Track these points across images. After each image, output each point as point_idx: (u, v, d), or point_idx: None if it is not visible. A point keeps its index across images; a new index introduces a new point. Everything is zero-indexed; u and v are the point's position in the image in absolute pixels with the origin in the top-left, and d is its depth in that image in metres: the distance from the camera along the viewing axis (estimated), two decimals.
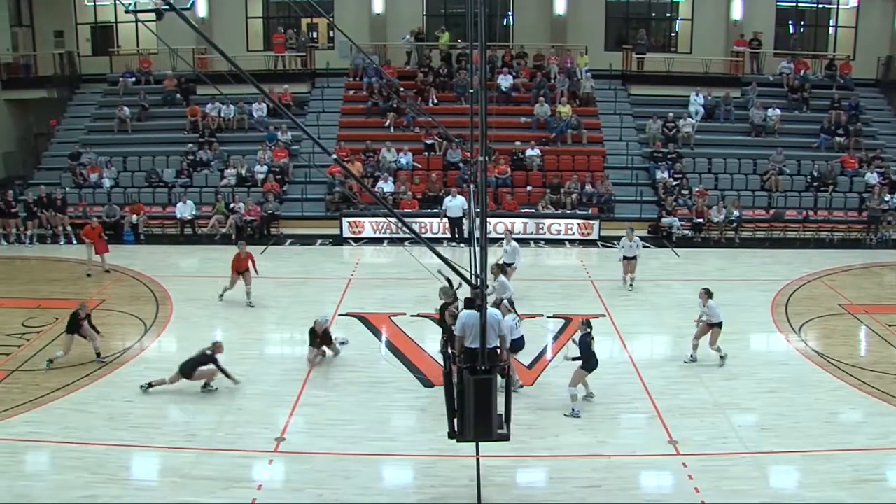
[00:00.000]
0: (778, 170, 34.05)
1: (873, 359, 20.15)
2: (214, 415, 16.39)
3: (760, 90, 38.24)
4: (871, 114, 38.63)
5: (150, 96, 37.60)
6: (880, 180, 33.49)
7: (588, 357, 16.45)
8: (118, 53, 41.22)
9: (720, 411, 16.77)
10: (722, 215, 31.20)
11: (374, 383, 18.08)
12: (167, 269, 26.82)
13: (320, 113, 36.92)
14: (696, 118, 36.95)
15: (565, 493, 13.92)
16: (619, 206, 32.94)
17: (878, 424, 16.49)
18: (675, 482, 14.42)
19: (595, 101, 37.96)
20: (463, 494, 13.70)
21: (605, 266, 27.28)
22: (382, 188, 31.83)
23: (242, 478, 14.19)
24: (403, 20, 40.59)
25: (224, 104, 36.26)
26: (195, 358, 17.33)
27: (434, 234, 30.16)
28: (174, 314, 22.46)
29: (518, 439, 14.35)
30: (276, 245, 30.00)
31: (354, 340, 20.46)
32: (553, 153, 34.87)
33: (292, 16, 41.35)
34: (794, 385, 18.28)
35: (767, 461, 14.97)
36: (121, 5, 13.57)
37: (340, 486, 13.95)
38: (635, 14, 42.74)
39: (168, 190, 32.90)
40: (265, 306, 22.97)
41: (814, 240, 31.71)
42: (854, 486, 14.09)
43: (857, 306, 23.85)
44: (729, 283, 25.73)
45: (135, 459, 14.82)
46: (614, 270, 25.54)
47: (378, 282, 23.71)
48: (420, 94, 36.91)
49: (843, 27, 42.84)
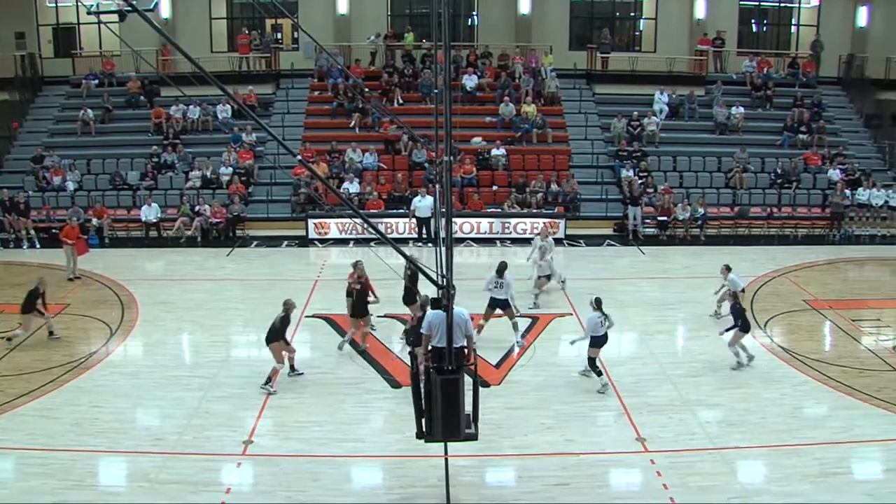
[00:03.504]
0: (742, 167, 34.29)
1: (838, 353, 20.38)
2: (181, 418, 16.30)
3: (724, 88, 38.52)
4: (833, 111, 38.97)
5: (114, 98, 37.23)
6: (843, 177, 33.84)
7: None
8: (81, 55, 40.75)
9: (687, 408, 16.89)
10: (687, 213, 31.39)
11: (341, 385, 18.08)
12: (132, 272, 26.64)
13: (285, 114, 36.82)
14: (660, 117, 37.16)
15: (534, 492, 13.97)
16: (584, 205, 33.04)
17: (842, 418, 16.68)
18: (643, 479, 14.50)
19: (560, 101, 38.05)
20: (432, 494, 13.72)
21: (572, 265, 27.37)
22: (348, 189, 31.78)
23: (210, 481, 14.11)
24: (368, 21, 40.50)
25: (188, 106, 36.05)
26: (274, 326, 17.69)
27: (400, 234, 30.13)
28: (140, 318, 22.30)
29: (486, 438, 14.43)
30: (242, 247, 29.90)
31: (321, 342, 20.46)
32: (518, 153, 34.94)
33: (256, 17, 41.23)
34: (759, 380, 18.46)
35: (734, 456, 15.11)
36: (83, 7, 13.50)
37: (309, 487, 13.93)
38: (599, 13, 42.85)
39: (132, 193, 32.65)
40: (231, 308, 22.88)
41: (778, 236, 31.98)
42: (820, 480, 14.26)
43: (821, 302, 24.10)
44: (694, 280, 25.97)
45: (101, 465, 14.73)
46: (581, 269, 25.66)
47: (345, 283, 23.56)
48: (385, 95, 36.86)
49: (804, 26, 43.24)
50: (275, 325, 17.55)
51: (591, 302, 17.67)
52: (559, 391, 17.77)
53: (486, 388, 17.07)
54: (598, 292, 22.60)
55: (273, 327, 17.55)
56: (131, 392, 17.53)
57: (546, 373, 18.81)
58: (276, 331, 17.49)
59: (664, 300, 24.20)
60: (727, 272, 21.61)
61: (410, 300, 20.10)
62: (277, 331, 17.49)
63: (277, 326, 17.50)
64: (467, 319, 12.66)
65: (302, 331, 21.24)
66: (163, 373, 18.60)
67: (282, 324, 17.56)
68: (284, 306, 17.82)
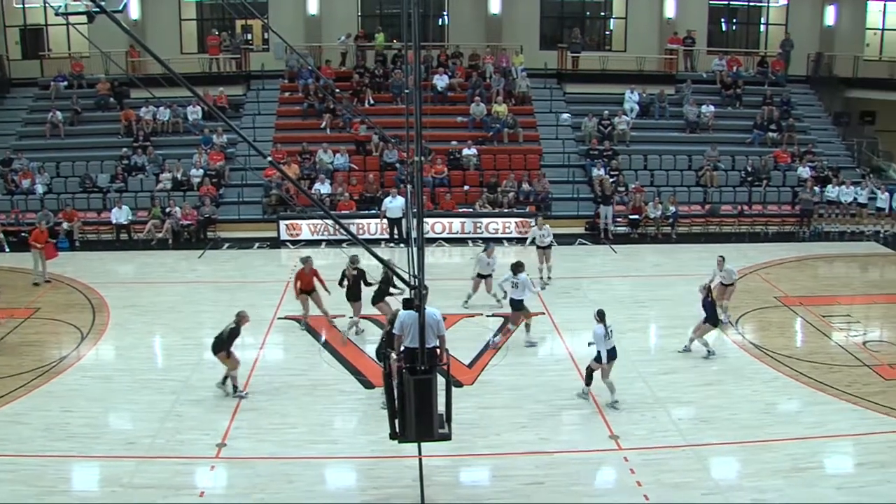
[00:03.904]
0: (713, 165, 34.48)
1: (809, 349, 20.55)
2: (154, 422, 16.22)
3: (694, 87, 38.73)
4: (802, 109, 39.32)
5: (83, 100, 36.96)
6: (812, 174, 34.10)
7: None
8: (49, 57, 40.45)
9: (660, 405, 16.98)
10: (658, 211, 31.54)
11: (314, 386, 18.05)
12: (103, 275, 26.46)
13: (256, 115, 36.70)
14: (631, 115, 37.27)
15: (509, 491, 14.00)
16: (556, 204, 33.07)
17: (814, 413, 16.86)
18: (617, 476, 14.59)
19: (531, 100, 38.12)
20: (406, 495, 13.71)
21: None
22: (319, 190, 31.72)
23: (184, 485, 14.06)
24: (338, 21, 40.41)
25: (158, 108, 35.86)
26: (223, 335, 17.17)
27: (372, 235, 30.11)
28: (111, 321, 22.17)
29: (460, 438, 14.41)
30: (214, 249, 29.77)
31: (293, 344, 20.44)
32: (490, 152, 34.98)
33: (226, 18, 40.97)
34: (731, 377, 18.61)
35: (707, 453, 15.21)
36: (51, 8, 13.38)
37: (283, 490, 13.91)
38: (570, 13, 42.98)
39: (103, 195, 32.41)
40: (203, 311, 22.79)
41: (748, 234, 32.22)
42: (792, 475, 14.39)
43: (792, 298, 24.28)
44: (666, 278, 26.13)
45: (73, 470, 14.64)
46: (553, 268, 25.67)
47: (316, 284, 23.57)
48: (356, 95, 36.81)
49: (773, 25, 43.59)
50: (222, 335, 17.11)
51: (595, 314, 17.08)
52: (532, 390, 17.80)
53: (459, 388, 17.07)
54: (570, 291, 22.74)
55: (220, 337, 17.12)
56: (103, 396, 17.42)
57: (519, 372, 18.86)
58: (221, 342, 17.05)
59: (636, 298, 24.29)
60: (722, 263, 21.69)
61: (379, 299, 20.07)
62: (223, 342, 17.02)
63: (224, 338, 17.04)
64: (439, 320, 12.68)
65: (274, 332, 21.22)
66: (135, 376, 18.50)
67: (230, 335, 17.07)
68: (236, 318, 17.31)
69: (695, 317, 21.99)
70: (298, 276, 21.15)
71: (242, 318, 17.34)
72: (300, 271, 21.14)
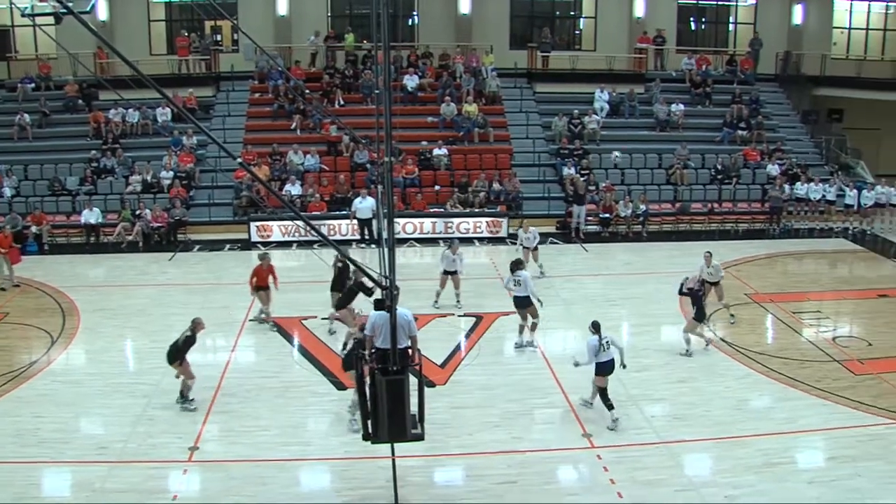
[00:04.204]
0: (682, 163, 34.67)
1: (779, 346, 20.78)
2: (126, 426, 16.13)
3: (664, 86, 39.00)
4: (770, 107, 39.70)
5: (51, 102, 36.66)
6: (781, 172, 34.36)
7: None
8: (16, 58, 40.20)
9: (632, 402, 17.05)
10: (629, 210, 31.68)
11: (286, 388, 18.02)
12: (73, 279, 26.25)
13: (226, 116, 36.60)
14: (601, 114, 37.44)
15: (482, 491, 14.03)
16: (526, 204, 33.15)
17: (785, 409, 17.02)
18: (590, 475, 14.65)
19: (501, 100, 38.18)
20: (380, 496, 13.73)
21: None
22: (290, 191, 31.65)
23: (157, 489, 14.00)
24: (308, 22, 40.28)
25: (127, 109, 35.64)
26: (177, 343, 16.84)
27: (343, 236, 30.05)
28: (82, 325, 22.02)
29: (433, 438, 14.46)
30: (184, 251, 29.61)
31: (264, 346, 20.40)
32: (460, 152, 35.01)
33: (196, 19, 40.81)
34: (703, 374, 18.75)
35: (680, 450, 15.33)
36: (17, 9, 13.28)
37: (257, 492, 13.88)
38: (539, 13, 43.10)
39: (72, 198, 32.18)
40: (174, 314, 22.59)
41: (719, 231, 32.47)
42: (764, 470, 14.54)
43: (762, 295, 24.48)
44: (637, 276, 26.27)
45: (44, 476, 14.55)
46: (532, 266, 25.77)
47: (288, 286, 23.55)
48: (326, 96, 36.75)
49: (742, 24, 43.92)
50: (177, 343, 16.81)
51: (590, 325, 16.51)
52: (505, 389, 17.85)
53: (431, 388, 17.17)
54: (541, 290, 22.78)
55: (175, 346, 16.83)
56: (74, 401, 17.30)
57: (491, 371, 18.90)
58: (176, 350, 16.77)
59: (607, 297, 24.41)
60: (710, 259, 21.83)
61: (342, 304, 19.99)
62: (178, 350, 16.75)
63: (179, 346, 16.74)
64: (411, 320, 12.68)
65: (245, 334, 21.15)
66: (106, 380, 18.39)
67: (184, 344, 16.75)
68: (191, 325, 16.98)
69: (666, 314, 22.24)
70: (255, 272, 21.43)
71: (198, 325, 17.02)
72: (257, 267, 21.46)
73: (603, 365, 16.14)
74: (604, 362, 16.13)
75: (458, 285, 23.21)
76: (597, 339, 16.09)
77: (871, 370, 18.95)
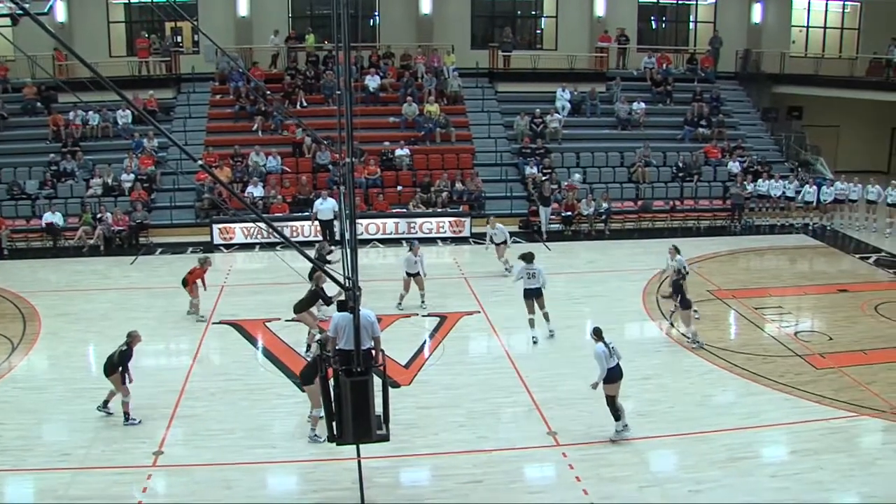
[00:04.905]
0: (644, 162, 34.85)
1: (742, 341, 21.00)
2: (89, 432, 16.01)
3: (625, 84, 39.24)
4: (731, 105, 40.11)
5: (9, 105, 36.24)
6: (742, 169, 34.63)
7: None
8: None
9: (597, 400, 17.06)
10: (591, 208, 31.81)
11: (251, 390, 17.95)
12: (33, 284, 25.97)
13: (187, 118, 36.36)
14: (562, 113, 37.55)
15: (448, 491, 14.06)
16: (489, 203, 33.14)
17: (748, 404, 17.22)
18: (556, 472, 14.73)
19: (463, 100, 38.25)
20: (347, 497, 13.73)
21: (478, 263, 27.62)
22: (252, 193, 31.53)
23: (121, 495, 13.90)
24: (269, 23, 40.07)
25: (87, 112, 35.34)
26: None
27: (305, 237, 29.94)
28: (43, 330, 21.80)
29: (399, 439, 14.51)
30: (147, 255, 29.38)
31: (229, 349, 20.34)
32: (422, 152, 35.01)
33: (155, 20, 40.50)
34: (667, 371, 18.91)
35: (645, 447, 15.46)
36: None
37: (222, 496, 13.83)
38: (501, 12, 43.18)
39: (31, 202, 31.85)
40: (137, 318, 22.44)
41: (681, 229, 32.67)
42: (728, 465, 14.70)
43: (724, 291, 24.71)
44: (600, 274, 26.42)
45: (6, 483, 14.39)
46: (487, 266, 25.89)
47: (251, 288, 23.49)
48: (288, 97, 36.64)
49: (702, 22, 44.23)
50: (112, 357, 16.45)
51: (592, 333, 15.94)
52: (469, 389, 17.90)
53: (396, 389, 17.17)
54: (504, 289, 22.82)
55: (110, 360, 16.46)
56: (36, 407, 17.13)
57: (455, 371, 18.95)
58: (111, 365, 16.39)
59: (570, 295, 24.49)
60: (675, 253, 21.99)
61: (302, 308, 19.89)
62: (114, 365, 16.35)
63: (115, 361, 16.37)
64: (374, 321, 12.71)
65: (210, 338, 21.05)
66: (69, 386, 18.23)
67: (120, 358, 16.39)
68: (127, 338, 16.70)
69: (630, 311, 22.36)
70: (192, 270, 22.21)
71: (134, 338, 16.73)
72: (194, 267, 22.18)
73: (612, 371, 15.51)
74: (612, 368, 15.51)
75: (423, 286, 23.25)
76: (603, 346, 15.49)
77: (833, 364, 19.19)
